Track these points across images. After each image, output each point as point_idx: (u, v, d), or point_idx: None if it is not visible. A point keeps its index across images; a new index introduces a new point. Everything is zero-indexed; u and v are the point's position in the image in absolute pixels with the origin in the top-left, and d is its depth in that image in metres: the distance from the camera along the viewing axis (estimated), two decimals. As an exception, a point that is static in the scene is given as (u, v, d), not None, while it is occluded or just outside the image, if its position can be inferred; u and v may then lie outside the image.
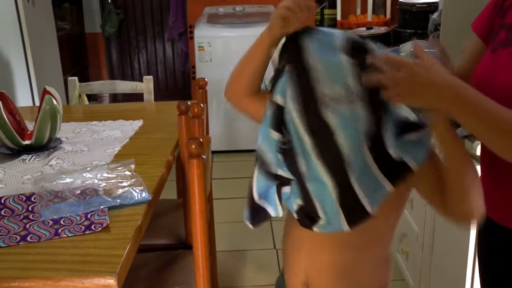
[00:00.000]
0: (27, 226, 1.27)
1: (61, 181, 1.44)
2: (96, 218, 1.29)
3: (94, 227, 1.25)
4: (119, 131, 2.00)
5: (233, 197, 3.20)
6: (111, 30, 5.24)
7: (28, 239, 1.22)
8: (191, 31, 4.48)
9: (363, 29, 3.89)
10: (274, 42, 1.05)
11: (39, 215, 1.31)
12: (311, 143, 0.97)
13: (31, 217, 1.32)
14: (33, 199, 1.39)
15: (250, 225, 1.12)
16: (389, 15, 4.29)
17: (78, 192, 1.39)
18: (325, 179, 0.97)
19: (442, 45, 1.00)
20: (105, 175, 1.49)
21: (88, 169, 1.53)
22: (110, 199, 1.36)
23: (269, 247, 2.92)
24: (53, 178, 1.46)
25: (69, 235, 1.23)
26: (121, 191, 1.40)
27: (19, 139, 1.71)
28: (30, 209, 1.36)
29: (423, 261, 2.13)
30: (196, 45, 4.18)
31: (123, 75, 5.48)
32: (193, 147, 1.32)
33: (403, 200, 1.11)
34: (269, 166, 1.05)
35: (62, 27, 4.59)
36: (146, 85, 2.66)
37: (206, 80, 2.19)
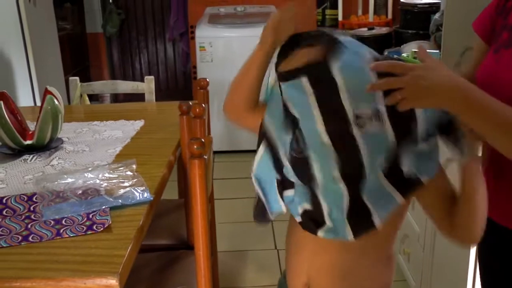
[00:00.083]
0: (29, 226, 1.27)
1: (63, 181, 1.44)
2: (98, 218, 1.29)
3: (96, 227, 1.25)
4: (120, 131, 2.00)
5: (234, 198, 3.21)
6: (112, 30, 5.25)
7: (30, 239, 1.22)
8: (192, 31, 4.48)
9: (365, 29, 3.87)
10: (267, 56, 1.07)
11: (40, 215, 1.31)
12: (334, 156, 0.97)
13: (32, 217, 1.32)
14: (34, 199, 1.39)
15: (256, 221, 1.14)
16: (390, 16, 4.28)
17: (80, 192, 1.39)
18: (342, 189, 0.99)
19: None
20: (106, 175, 1.49)
21: (90, 169, 1.53)
22: (111, 199, 1.36)
23: (270, 247, 2.91)
24: (54, 178, 1.46)
25: (71, 235, 1.23)
26: (122, 191, 1.40)
27: (20, 139, 1.71)
28: (31, 209, 1.36)
29: (425, 262, 2.12)
30: (197, 45, 4.18)
31: (124, 75, 5.48)
32: (195, 147, 1.32)
33: (406, 206, 1.12)
34: (277, 150, 1.06)
35: (63, 27, 4.59)
36: (148, 85, 2.66)
37: (207, 80, 2.19)
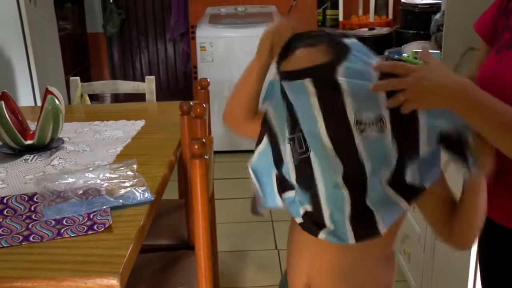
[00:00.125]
0: (30, 226, 1.27)
1: (64, 181, 1.44)
2: (99, 218, 1.29)
3: (97, 227, 1.25)
4: (121, 131, 2.00)
5: (234, 198, 3.21)
6: (113, 30, 5.24)
7: (31, 239, 1.22)
8: (193, 31, 4.49)
9: (365, 29, 3.87)
10: (264, 67, 1.08)
11: (41, 215, 1.31)
12: (335, 159, 0.98)
13: (33, 217, 1.32)
14: (35, 199, 1.39)
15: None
16: (391, 16, 4.28)
17: (81, 192, 1.39)
18: (344, 193, 0.99)
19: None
20: (107, 175, 1.49)
21: (91, 169, 1.53)
22: (112, 199, 1.36)
23: (271, 247, 2.91)
24: (55, 178, 1.46)
25: (72, 235, 1.23)
26: (123, 191, 1.40)
27: (21, 139, 1.71)
28: (32, 209, 1.35)
29: (425, 262, 2.12)
30: (198, 45, 4.18)
31: (125, 75, 5.48)
32: (196, 147, 1.32)
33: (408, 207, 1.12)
34: (278, 146, 1.07)
35: (64, 27, 4.59)
36: (148, 85, 2.66)
37: (208, 80, 2.19)
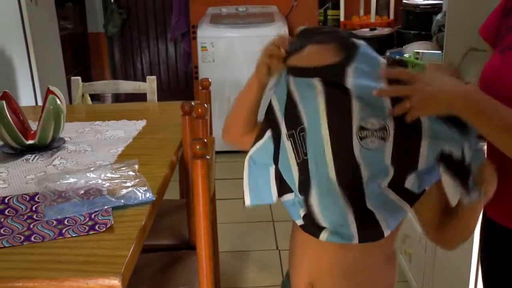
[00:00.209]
0: (31, 226, 1.27)
1: (65, 181, 1.44)
2: (100, 218, 1.28)
3: (98, 227, 1.25)
4: (122, 131, 2.00)
5: (235, 198, 3.19)
6: (114, 30, 5.25)
7: (32, 239, 1.21)
8: (194, 31, 4.48)
9: (367, 30, 3.86)
10: (262, 87, 1.10)
11: (43, 215, 1.31)
12: (332, 163, 0.99)
13: (35, 217, 1.31)
14: (36, 199, 1.39)
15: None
16: (392, 16, 4.28)
17: (82, 192, 1.39)
18: (340, 196, 1.00)
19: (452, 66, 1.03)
20: (108, 175, 1.49)
21: (92, 169, 1.53)
22: (114, 199, 1.36)
23: (272, 247, 2.91)
24: (56, 178, 1.46)
25: (73, 235, 1.22)
26: (125, 191, 1.40)
27: (22, 138, 1.71)
28: (34, 209, 1.35)
29: (426, 263, 2.12)
30: (199, 45, 4.18)
31: (126, 75, 5.48)
32: (198, 147, 1.32)
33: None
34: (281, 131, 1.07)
35: (65, 27, 4.59)
36: (149, 85, 2.66)
37: (209, 80, 2.19)
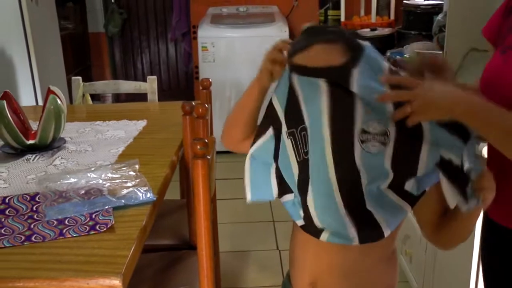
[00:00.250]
0: (32, 226, 1.27)
1: (65, 181, 1.44)
2: (101, 219, 1.28)
3: (99, 227, 1.25)
4: (123, 131, 2.00)
5: (236, 198, 3.20)
6: (114, 30, 5.24)
7: (33, 239, 1.21)
8: (195, 31, 4.48)
9: (367, 30, 3.86)
10: (264, 92, 1.11)
11: (43, 215, 1.31)
12: (332, 164, 0.99)
13: (35, 217, 1.31)
14: (37, 199, 1.39)
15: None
16: (393, 17, 4.27)
17: (83, 192, 1.39)
18: (337, 199, 1.01)
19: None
20: (109, 175, 1.49)
21: (93, 169, 1.53)
22: (114, 199, 1.36)
23: (272, 248, 2.91)
24: (57, 178, 1.46)
25: (74, 235, 1.22)
26: (125, 191, 1.40)
27: (23, 138, 1.71)
28: (34, 209, 1.35)
29: (427, 263, 2.12)
30: (200, 45, 4.18)
31: (126, 75, 5.48)
32: (198, 147, 1.32)
33: None
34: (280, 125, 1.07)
35: (65, 27, 4.59)
36: (150, 85, 2.65)
37: (210, 80, 2.19)
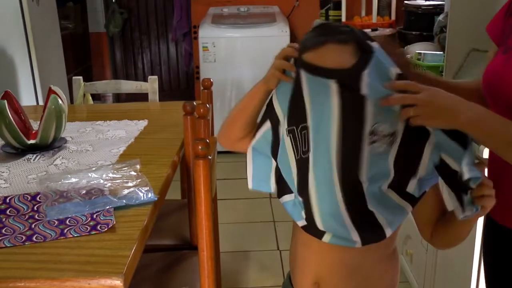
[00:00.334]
0: (33, 226, 1.27)
1: (66, 181, 1.44)
2: (102, 219, 1.28)
3: (100, 227, 1.25)
4: (124, 131, 2.00)
5: (237, 198, 3.20)
6: (115, 30, 5.24)
7: (34, 239, 1.21)
8: (195, 31, 4.48)
9: (368, 30, 3.87)
10: (268, 93, 1.10)
11: (44, 215, 1.31)
12: (335, 163, 0.99)
13: (36, 217, 1.31)
14: (38, 198, 1.39)
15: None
16: (394, 17, 4.27)
17: (84, 192, 1.39)
18: (339, 199, 1.01)
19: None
20: (110, 175, 1.49)
21: (93, 169, 1.53)
22: (115, 199, 1.36)
23: (273, 248, 2.91)
24: (58, 177, 1.46)
25: (75, 235, 1.22)
26: (126, 191, 1.40)
27: (24, 138, 1.70)
28: (35, 208, 1.35)
29: (428, 263, 2.12)
30: (200, 45, 4.18)
31: (127, 75, 5.48)
32: (200, 147, 1.32)
33: None
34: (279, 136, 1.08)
35: (66, 26, 4.59)
36: (151, 85, 2.65)
37: (211, 80, 2.19)
